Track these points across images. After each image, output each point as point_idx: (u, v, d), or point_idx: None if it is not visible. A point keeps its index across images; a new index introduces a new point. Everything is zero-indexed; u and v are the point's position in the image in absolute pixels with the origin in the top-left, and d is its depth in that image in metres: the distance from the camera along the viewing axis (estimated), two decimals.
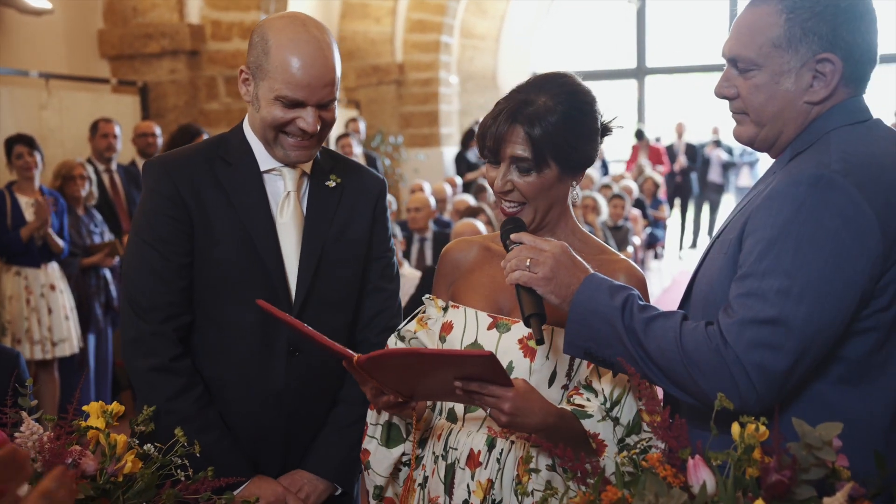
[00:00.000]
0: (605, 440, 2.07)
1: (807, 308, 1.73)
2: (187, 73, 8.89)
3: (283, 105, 2.29)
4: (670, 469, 1.56)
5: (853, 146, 1.85)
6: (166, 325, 2.37)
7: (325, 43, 2.30)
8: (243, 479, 2.37)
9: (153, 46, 8.75)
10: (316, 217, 2.46)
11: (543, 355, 2.14)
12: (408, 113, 14.68)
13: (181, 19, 8.79)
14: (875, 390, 1.84)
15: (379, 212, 2.59)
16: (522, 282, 1.95)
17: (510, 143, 2.11)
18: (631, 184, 12.63)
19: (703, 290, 1.99)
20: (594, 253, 2.19)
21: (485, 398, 1.93)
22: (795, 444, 1.50)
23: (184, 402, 2.37)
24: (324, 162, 2.52)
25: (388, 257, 2.62)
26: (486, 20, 16.82)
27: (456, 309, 2.28)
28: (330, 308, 2.46)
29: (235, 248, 2.38)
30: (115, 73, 8.93)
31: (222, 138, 2.50)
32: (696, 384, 1.80)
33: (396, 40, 14.43)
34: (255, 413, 2.45)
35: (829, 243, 1.74)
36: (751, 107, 1.96)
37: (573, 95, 2.15)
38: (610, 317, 1.88)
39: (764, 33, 1.90)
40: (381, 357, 1.94)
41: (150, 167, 2.43)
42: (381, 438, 2.34)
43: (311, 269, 2.42)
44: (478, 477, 2.17)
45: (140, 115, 8.72)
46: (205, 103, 8.94)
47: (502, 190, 2.16)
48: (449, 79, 15.14)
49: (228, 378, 2.44)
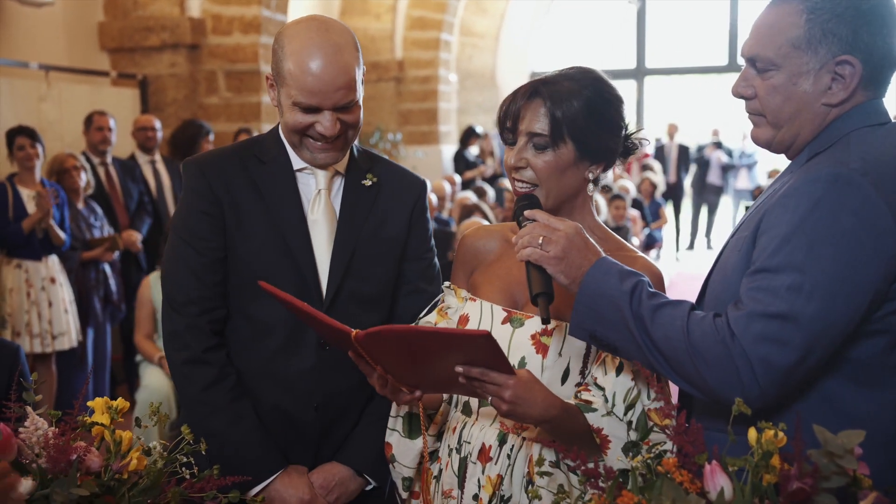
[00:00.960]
0: (608, 436, 2.05)
1: (817, 305, 1.72)
2: (187, 67, 8.85)
3: (301, 110, 2.32)
4: (686, 475, 1.54)
5: (873, 147, 1.84)
6: (201, 318, 2.43)
7: (339, 46, 2.30)
8: (274, 470, 2.42)
9: (153, 39, 8.71)
10: (349, 214, 2.49)
11: (556, 352, 2.12)
12: (406, 110, 14.66)
13: (182, 13, 8.75)
14: (885, 393, 1.84)
15: (418, 212, 2.61)
16: (533, 259, 1.94)
17: (528, 119, 2.11)
18: (629, 184, 12.62)
19: (717, 288, 1.98)
20: (613, 249, 2.16)
21: (486, 386, 1.91)
22: (816, 452, 1.48)
23: (216, 393, 2.41)
24: (361, 161, 2.56)
25: (429, 258, 2.63)
26: (485, 18, 16.81)
27: (473, 302, 2.27)
28: (362, 304, 2.49)
29: (267, 244, 2.42)
30: (114, 66, 8.89)
31: (258, 138, 2.56)
32: (699, 375, 1.78)
33: (396, 37, 14.43)
34: (286, 406, 2.47)
35: (844, 242, 1.73)
36: (767, 108, 1.94)
37: (599, 84, 2.14)
38: (618, 301, 1.86)
39: (784, 33, 1.89)
40: (379, 332, 1.91)
41: (188, 166, 2.48)
42: (402, 430, 2.34)
43: (342, 265, 2.45)
44: (488, 472, 2.16)
45: (139, 109, 8.68)
46: (204, 97, 8.90)
47: (515, 166, 2.14)
48: (448, 76, 15.12)
49: (260, 371, 2.47)
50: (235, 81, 8.89)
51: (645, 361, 1.87)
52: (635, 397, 2.06)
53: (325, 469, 2.50)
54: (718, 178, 16.67)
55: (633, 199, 12.43)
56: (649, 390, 2.05)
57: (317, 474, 2.49)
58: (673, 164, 16.25)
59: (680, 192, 16.48)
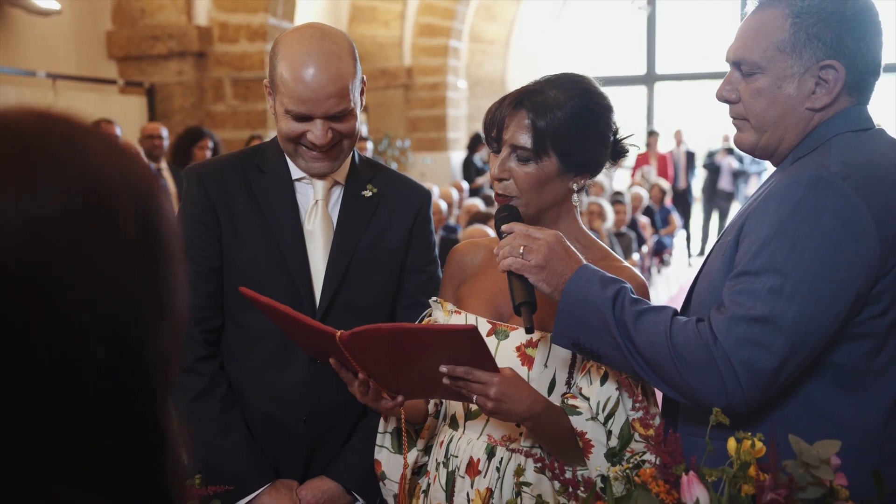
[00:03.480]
0: (591, 440, 2.03)
1: (798, 308, 1.71)
2: (194, 75, 8.88)
3: (293, 118, 2.30)
4: (663, 485, 1.53)
5: (854, 151, 1.83)
6: (195, 328, 2.40)
7: (332, 53, 2.27)
8: (262, 483, 2.38)
9: (160, 48, 8.75)
10: (346, 225, 2.46)
11: (542, 363, 2.11)
12: (415, 117, 14.69)
13: (189, 21, 8.79)
14: (870, 398, 1.82)
15: (420, 223, 2.56)
16: (514, 269, 1.92)
17: (512, 130, 2.08)
18: (641, 191, 12.59)
19: (702, 293, 1.97)
20: (597, 258, 2.14)
21: (471, 385, 1.90)
22: (792, 462, 1.46)
23: (206, 404, 2.39)
24: (363, 171, 2.52)
25: (430, 271, 2.59)
26: (495, 25, 16.83)
27: (458, 314, 2.25)
28: (357, 315, 2.42)
29: (262, 254, 2.40)
30: (122, 74, 8.93)
31: (261, 147, 2.53)
32: (683, 379, 1.77)
33: (405, 44, 14.45)
34: (277, 418, 2.45)
35: (825, 244, 1.71)
36: (751, 112, 1.93)
37: (586, 94, 2.11)
38: (600, 308, 1.85)
39: (769, 37, 1.89)
40: (364, 332, 1.90)
41: (186, 174, 2.47)
42: (391, 446, 2.32)
43: (337, 276, 2.42)
44: (477, 485, 2.14)
45: (147, 117, 8.71)
46: (211, 105, 8.93)
47: (498, 177, 2.12)
48: (457, 83, 15.14)
49: (251, 381, 2.45)
50: (242, 89, 8.92)
51: (628, 368, 1.86)
52: (614, 406, 2.05)
53: (313, 484, 2.47)
54: (729, 184, 16.60)
55: (644, 207, 12.42)
56: (631, 400, 2.03)
57: (305, 489, 2.45)
58: (682, 170, 16.20)
59: (689, 197, 16.43)
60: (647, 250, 11.50)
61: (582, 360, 2.11)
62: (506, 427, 2.14)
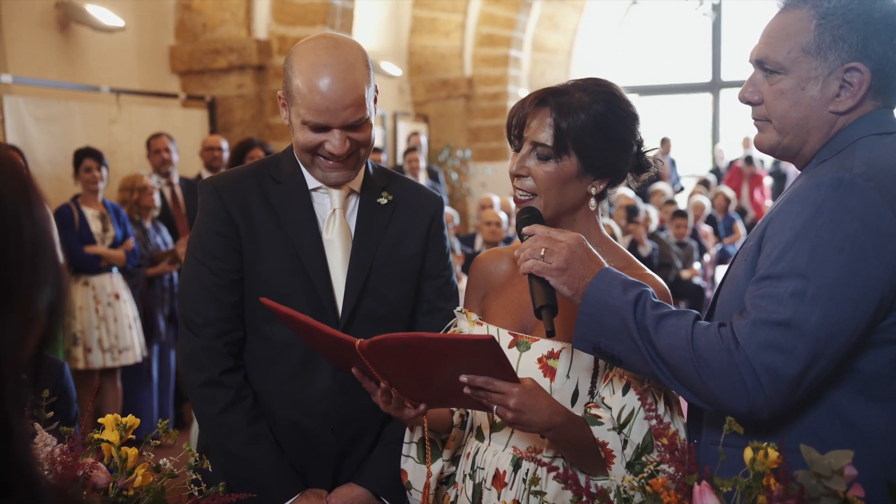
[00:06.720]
0: (613, 450, 2.01)
1: (821, 312, 1.68)
2: (254, 88, 8.99)
3: (310, 129, 2.32)
4: (675, 495, 1.49)
5: (878, 153, 1.79)
6: (218, 340, 2.42)
7: (348, 63, 2.29)
8: (292, 494, 2.39)
9: (221, 62, 8.87)
10: (364, 233, 2.47)
11: (564, 374, 2.08)
12: (476, 127, 14.69)
13: (249, 35, 8.90)
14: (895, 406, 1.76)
15: (435, 229, 2.58)
16: (535, 271, 1.91)
17: (534, 127, 2.09)
18: (703, 199, 12.44)
19: (726, 298, 1.94)
20: (620, 266, 2.11)
21: (491, 395, 1.89)
22: (803, 473, 1.42)
23: (233, 415, 2.40)
24: (377, 179, 2.54)
25: (446, 276, 2.61)
26: (557, 34, 16.78)
27: (480, 326, 2.24)
28: (378, 323, 2.45)
29: (282, 265, 2.41)
30: (184, 88, 9.07)
31: (275, 158, 2.55)
32: (704, 384, 1.74)
33: (465, 54, 14.47)
34: (304, 427, 2.46)
35: (848, 247, 1.68)
36: (774, 113, 1.90)
37: (611, 99, 2.11)
38: (622, 311, 1.83)
39: (794, 38, 1.86)
40: (383, 340, 1.90)
41: (203, 187, 2.49)
42: (417, 457, 2.32)
43: (358, 284, 2.43)
44: (504, 497, 2.13)
45: (208, 129, 8.85)
46: (270, 117, 9.03)
47: (517, 173, 2.13)
48: (518, 92, 15.11)
49: (277, 392, 2.46)
50: None
51: (650, 372, 1.84)
52: (629, 415, 2.02)
53: (342, 492, 2.47)
54: None
55: (707, 215, 12.28)
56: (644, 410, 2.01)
57: (335, 498, 2.46)
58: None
59: None
60: (710, 259, 11.35)
61: (605, 369, 2.08)
62: (531, 438, 2.12)
